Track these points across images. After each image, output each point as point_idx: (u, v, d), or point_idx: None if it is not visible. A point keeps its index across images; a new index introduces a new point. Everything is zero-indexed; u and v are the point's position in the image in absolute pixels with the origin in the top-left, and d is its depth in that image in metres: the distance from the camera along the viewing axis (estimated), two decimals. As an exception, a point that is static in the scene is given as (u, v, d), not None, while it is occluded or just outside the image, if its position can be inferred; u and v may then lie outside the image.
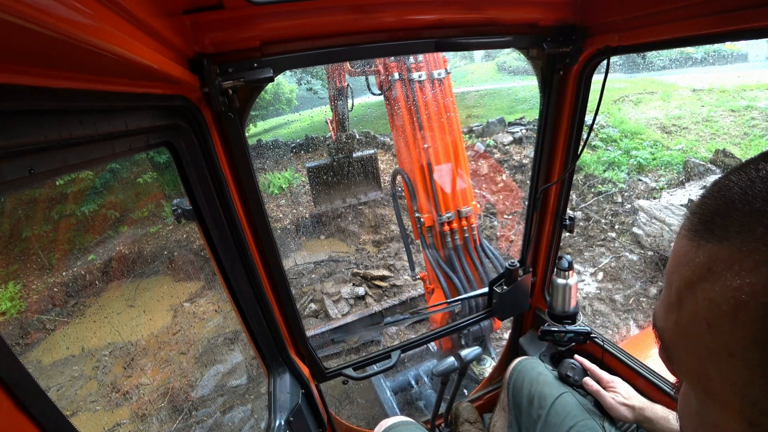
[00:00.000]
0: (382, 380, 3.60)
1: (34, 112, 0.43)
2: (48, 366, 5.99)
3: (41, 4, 0.28)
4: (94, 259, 7.99)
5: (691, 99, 9.56)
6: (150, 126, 0.75)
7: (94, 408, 5.07)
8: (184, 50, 0.83)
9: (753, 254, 0.30)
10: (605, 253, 6.26)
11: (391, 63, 2.80)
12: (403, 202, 3.59)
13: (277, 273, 1.28)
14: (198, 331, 6.17)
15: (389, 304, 5.49)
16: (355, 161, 6.21)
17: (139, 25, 0.55)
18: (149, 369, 5.61)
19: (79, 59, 0.42)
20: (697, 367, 0.36)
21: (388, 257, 7.81)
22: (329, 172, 6.06)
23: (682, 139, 8.23)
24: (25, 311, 7.00)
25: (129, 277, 7.83)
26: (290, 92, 17.46)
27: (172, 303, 6.95)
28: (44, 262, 7.75)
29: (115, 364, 5.82)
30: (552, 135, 1.43)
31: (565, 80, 1.31)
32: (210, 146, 0.97)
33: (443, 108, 2.77)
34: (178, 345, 5.97)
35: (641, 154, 7.90)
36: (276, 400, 1.31)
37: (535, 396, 1.38)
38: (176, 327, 6.42)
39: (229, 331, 6.05)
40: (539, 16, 1.14)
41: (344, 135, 6.21)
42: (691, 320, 0.35)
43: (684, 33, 0.92)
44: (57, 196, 7.71)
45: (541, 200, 1.57)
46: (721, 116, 8.54)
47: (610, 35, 1.11)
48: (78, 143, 0.52)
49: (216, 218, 1.08)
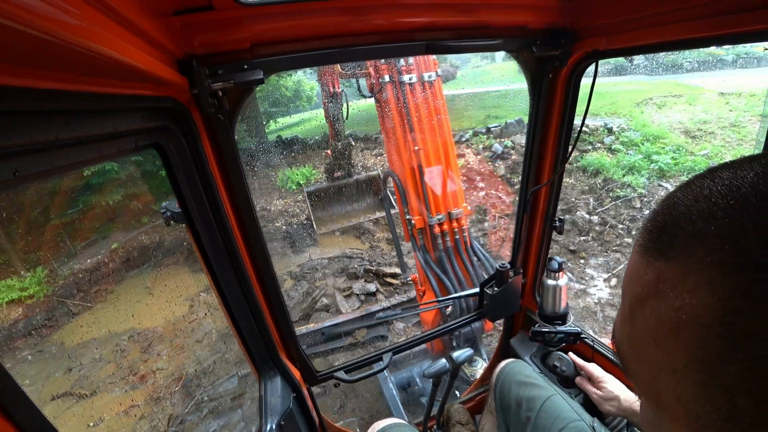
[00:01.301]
0: (387, 375, 3.65)
1: (20, 113, 0.42)
2: (71, 348, 6.25)
3: (27, 4, 0.28)
4: (117, 248, 8.28)
5: (719, 103, 9.25)
6: (139, 128, 0.74)
7: (112, 389, 5.29)
8: (173, 51, 0.83)
9: (694, 275, 0.30)
10: (620, 259, 6.15)
11: (381, 65, 2.80)
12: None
13: (268, 275, 1.28)
14: (212, 322, 6.33)
15: (397, 301, 5.53)
16: (353, 183, 6.15)
17: (128, 26, 0.55)
18: (165, 354, 5.80)
19: (66, 60, 0.41)
20: (648, 380, 0.37)
21: (408, 254, 7.85)
22: (329, 195, 6.01)
23: (707, 145, 7.99)
24: (51, 295, 7.31)
25: (148, 266, 8.09)
26: (310, 90, 17.64)
27: (188, 293, 7.15)
28: (70, 248, 8.07)
29: (133, 348, 6.04)
30: (542, 138, 1.44)
31: (555, 83, 1.31)
32: (199, 148, 0.97)
33: (434, 110, 2.76)
34: (193, 333, 6.16)
35: (663, 159, 7.71)
36: (267, 404, 1.30)
37: (523, 398, 1.38)
38: (192, 316, 6.61)
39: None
40: (529, 19, 1.15)
41: (339, 143, 6.11)
42: (641, 335, 0.36)
43: (672, 37, 0.92)
44: (82, 186, 8.01)
45: (531, 202, 1.57)
46: (750, 121, 8.25)
47: (598, 39, 1.12)
48: (65, 145, 0.51)
49: (206, 221, 1.07)
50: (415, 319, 5.43)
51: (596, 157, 8.63)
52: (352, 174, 6.58)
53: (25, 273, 7.44)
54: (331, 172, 6.59)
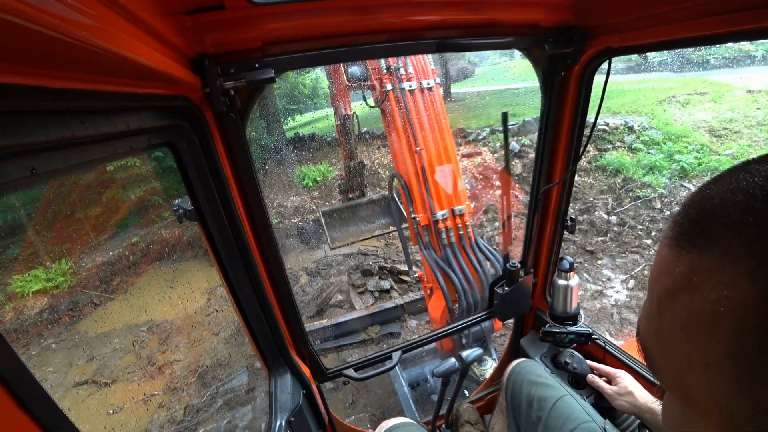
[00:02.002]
0: (399, 372, 3.67)
1: (36, 113, 0.43)
2: (93, 337, 6.46)
3: (43, 4, 0.29)
4: (138, 242, 8.50)
5: (746, 101, 8.93)
6: (151, 126, 0.75)
7: (132, 378, 5.45)
8: (185, 51, 0.84)
9: (731, 267, 0.30)
10: (638, 260, 6.03)
11: (384, 76, 3.01)
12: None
13: (279, 273, 1.29)
14: (230, 315, 6.45)
15: (411, 299, 5.55)
16: (367, 204, 6.17)
17: (141, 26, 0.55)
18: (182, 346, 5.94)
19: (80, 59, 0.42)
20: (676, 375, 0.36)
21: (416, 253, 7.84)
22: (343, 214, 6.05)
23: (732, 144, 7.74)
24: (75, 286, 7.55)
25: (169, 260, 8.28)
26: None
27: (206, 287, 7.30)
28: (93, 241, 8.32)
29: (152, 339, 6.20)
30: (553, 136, 1.43)
31: (567, 81, 1.30)
32: (211, 146, 0.97)
33: (433, 114, 2.92)
34: (210, 326, 6.29)
35: (685, 159, 7.50)
36: (277, 401, 1.31)
37: (534, 398, 1.37)
38: (209, 308, 6.75)
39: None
40: (541, 16, 1.13)
41: (353, 163, 6.30)
42: (671, 329, 0.35)
43: (687, 34, 0.91)
44: (106, 180, 8.23)
45: (542, 201, 1.56)
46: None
47: (611, 36, 1.10)
48: (80, 143, 0.52)
49: (217, 218, 1.08)
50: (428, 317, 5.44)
51: (616, 156, 8.44)
52: (365, 194, 6.71)
53: (50, 264, 7.69)
54: (345, 192, 6.72)
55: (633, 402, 1.30)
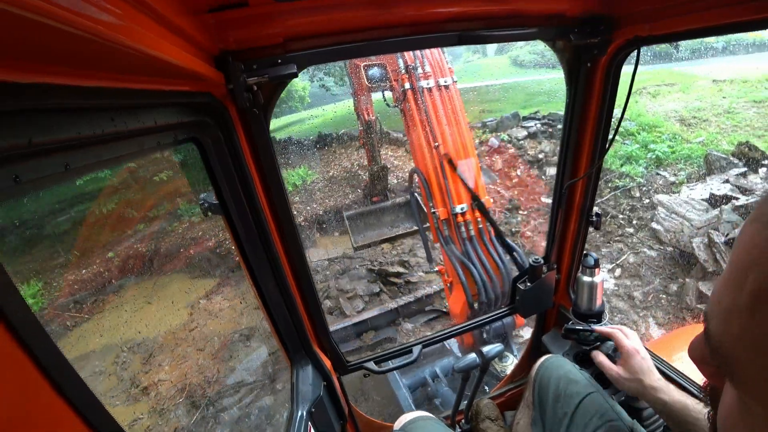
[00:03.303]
0: (398, 377, 3.60)
1: (68, 110, 0.44)
2: (71, 362, 6.12)
3: (73, 5, 0.30)
4: (113, 257, 8.14)
5: (712, 90, 9.30)
6: (177, 122, 0.77)
7: (114, 403, 5.18)
8: (209, 48, 0.85)
9: None
10: (623, 249, 6.14)
11: (402, 75, 3.13)
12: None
13: (301, 267, 1.30)
14: (214, 328, 6.25)
15: (404, 302, 5.48)
16: (390, 207, 6.36)
17: (166, 25, 0.56)
18: (167, 365, 5.71)
19: (110, 59, 0.43)
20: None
21: (402, 254, 7.79)
22: (367, 218, 6.28)
23: (702, 132, 8.03)
24: (46, 307, 7.17)
25: (147, 274, 7.96)
26: (303, 90, 17.54)
27: (188, 300, 7.05)
28: (64, 259, 7.93)
29: (134, 359, 5.93)
30: (579, 129, 1.39)
31: (593, 73, 1.26)
32: (235, 142, 0.99)
33: (451, 111, 3.02)
34: (194, 342, 6.06)
35: (659, 148, 7.73)
36: (298, 392, 1.33)
37: (561, 394, 1.35)
38: (192, 324, 6.51)
39: (244, 327, 6.13)
40: (566, 6, 1.10)
41: (376, 168, 6.45)
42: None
43: (718, 21, 0.88)
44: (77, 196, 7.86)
45: (566, 196, 1.53)
46: (744, 108, 8.31)
47: (640, 25, 1.07)
48: (110, 140, 0.53)
49: (241, 212, 1.10)
50: (424, 319, 5.40)
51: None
52: (388, 197, 6.89)
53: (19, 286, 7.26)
54: (369, 197, 6.93)
55: (636, 389, 1.19)
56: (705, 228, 5.33)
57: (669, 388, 1.12)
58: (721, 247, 4.94)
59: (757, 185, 5.62)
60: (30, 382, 0.35)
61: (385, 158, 12.09)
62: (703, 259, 5.07)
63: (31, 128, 0.38)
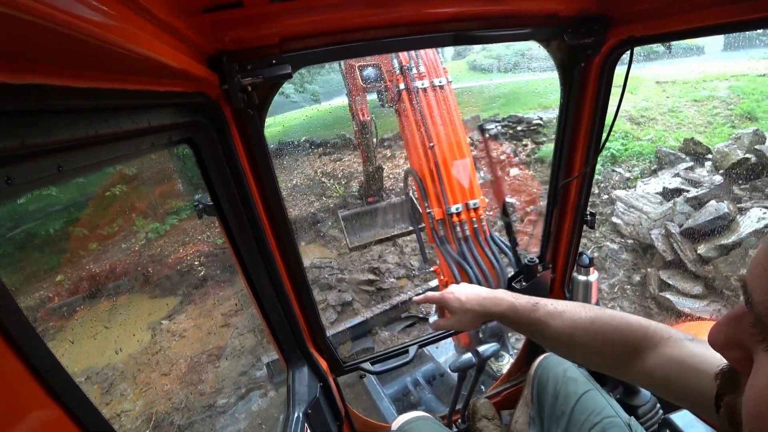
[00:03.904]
0: (378, 387, 3.52)
1: (63, 111, 0.44)
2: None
3: (66, 5, 0.30)
4: (63, 280, 7.57)
5: (657, 91, 9.91)
6: (172, 123, 0.77)
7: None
8: (204, 48, 0.85)
9: None
10: (587, 244, 6.37)
11: (397, 76, 3.15)
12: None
13: (296, 267, 1.30)
14: (180, 350, 5.91)
15: (380, 309, 5.40)
16: (386, 207, 6.37)
17: (161, 25, 0.56)
18: (130, 394, 5.33)
19: (103, 59, 0.43)
20: None
21: (372, 260, 7.74)
22: (362, 218, 6.27)
23: (650, 130, 8.50)
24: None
25: (102, 296, 7.45)
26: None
27: (149, 321, 6.65)
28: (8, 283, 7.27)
29: (93, 390, 5.50)
30: (573, 129, 1.40)
31: (587, 73, 1.27)
32: (230, 142, 1.00)
33: (446, 111, 3.06)
34: (158, 366, 5.70)
35: (613, 146, 8.12)
36: (294, 393, 1.33)
37: (560, 392, 1.35)
38: (155, 347, 6.13)
39: (213, 347, 5.84)
40: (560, 6, 1.10)
41: (371, 168, 6.50)
42: None
43: (712, 21, 0.88)
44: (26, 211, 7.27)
45: (561, 195, 1.54)
46: (686, 106, 8.89)
47: (634, 25, 1.08)
48: (104, 141, 0.53)
49: (236, 213, 1.10)
50: (400, 326, 5.34)
51: (552, 148, 8.92)
52: (383, 198, 6.93)
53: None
54: (364, 197, 6.89)
55: (475, 318, 1.06)
56: (661, 220, 5.62)
57: (493, 302, 1.04)
58: (677, 237, 5.21)
59: (704, 178, 6.00)
60: (22, 384, 0.35)
61: (348, 164, 12.07)
62: (662, 249, 5.33)
63: (23, 129, 0.38)
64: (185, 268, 7.90)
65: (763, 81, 8.77)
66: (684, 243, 5.15)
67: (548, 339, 0.94)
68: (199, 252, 8.54)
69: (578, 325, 0.88)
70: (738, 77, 9.13)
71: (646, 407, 1.46)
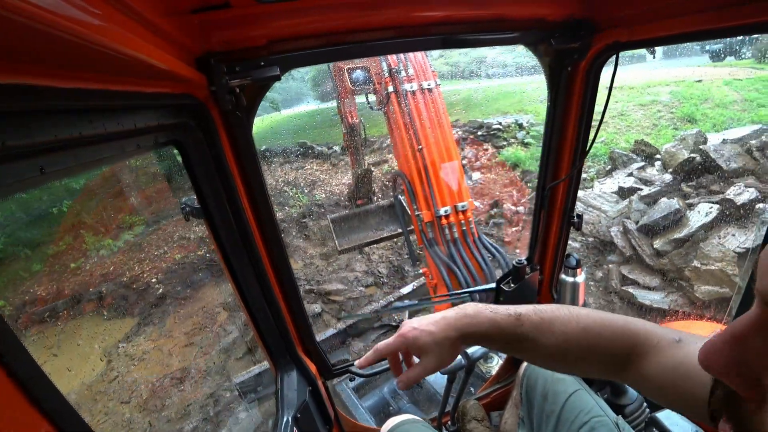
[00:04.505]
0: (356, 400, 3.44)
1: (45, 112, 0.43)
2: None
3: (51, 5, 0.29)
4: (4, 306, 6.93)
5: (604, 96, 10.46)
6: (158, 125, 0.76)
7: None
8: (191, 49, 0.84)
9: None
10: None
11: (386, 79, 3.15)
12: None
13: (284, 270, 1.29)
14: (140, 374, 5.53)
15: (353, 320, 5.30)
16: (375, 210, 6.34)
17: (147, 25, 0.56)
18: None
19: (88, 59, 0.42)
20: None
21: (339, 270, 7.64)
22: (351, 221, 6.24)
23: (603, 133, 8.95)
24: None
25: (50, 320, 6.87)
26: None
27: (105, 345, 6.19)
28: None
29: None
30: (560, 132, 1.41)
31: (573, 77, 1.29)
32: (218, 144, 0.99)
33: (434, 114, 3.07)
34: (116, 393, 5.30)
35: (570, 148, 8.47)
36: (284, 397, 1.32)
37: (549, 392, 1.36)
38: (113, 373, 5.71)
39: (177, 369, 5.51)
40: (547, 11, 1.11)
41: (360, 170, 6.56)
42: None
43: (696, 27, 0.90)
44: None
45: (548, 198, 1.55)
46: (633, 110, 9.45)
47: (619, 30, 1.09)
48: (88, 143, 0.52)
49: (224, 215, 1.09)
50: (374, 335, 5.26)
51: (512, 151, 9.25)
52: (372, 200, 6.94)
53: None
54: (353, 199, 6.88)
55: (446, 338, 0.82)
56: (619, 218, 5.89)
57: (469, 322, 0.84)
58: (634, 233, 5.47)
59: (655, 177, 6.36)
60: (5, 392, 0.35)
61: (310, 171, 11.93)
62: (621, 245, 5.59)
63: (5, 130, 0.37)
64: (142, 287, 7.45)
65: (699, 86, 9.49)
66: (641, 238, 5.42)
67: (537, 356, 0.84)
68: (157, 269, 8.11)
69: (570, 339, 0.78)
70: (678, 83, 9.83)
71: (633, 406, 1.49)
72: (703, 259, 4.76)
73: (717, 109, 8.49)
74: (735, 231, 4.77)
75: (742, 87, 8.95)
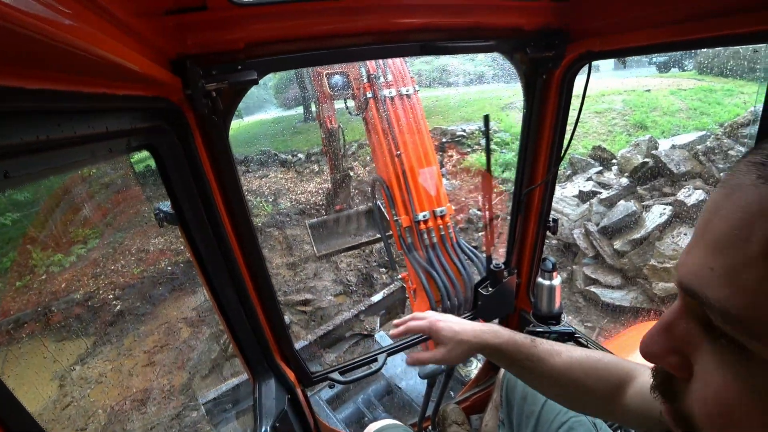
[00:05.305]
0: (330, 413, 3.36)
1: (9, 114, 0.42)
2: None
3: (17, 2, 0.28)
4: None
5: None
6: (131, 128, 0.73)
7: None
8: (166, 51, 0.83)
9: None
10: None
11: (365, 84, 3.16)
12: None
13: (261, 276, 1.28)
14: (97, 398, 5.17)
15: (324, 331, 5.17)
16: (354, 215, 6.37)
17: (119, 26, 0.55)
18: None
19: (57, 59, 0.42)
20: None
21: (307, 279, 7.50)
22: (329, 226, 6.23)
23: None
24: None
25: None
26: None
27: (56, 369, 5.75)
28: None
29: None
30: (536, 139, 1.45)
31: (548, 84, 1.33)
32: (193, 149, 0.97)
33: (412, 120, 3.10)
34: (71, 421, 4.93)
35: (532, 154, 8.75)
36: (261, 406, 1.31)
37: (528, 393, 1.38)
38: (66, 399, 5.31)
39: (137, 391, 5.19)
40: (523, 21, 1.15)
41: (339, 176, 6.54)
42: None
43: (666, 38, 0.95)
44: None
45: (525, 203, 1.59)
46: (589, 117, 9.88)
47: (592, 40, 1.14)
48: (56, 146, 0.51)
49: (199, 221, 1.08)
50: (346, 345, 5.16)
51: (476, 158, 9.44)
52: (351, 206, 6.89)
53: None
54: (331, 205, 6.83)
55: (465, 344, 0.97)
56: (580, 220, 6.12)
57: (494, 329, 0.98)
58: (595, 235, 5.70)
59: (612, 181, 6.66)
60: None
61: (275, 180, 11.72)
62: (584, 247, 5.80)
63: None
64: (98, 303, 7.01)
65: (648, 95, 10.08)
66: (602, 240, 5.66)
67: (544, 376, 0.90)
68: (114, 284, 7.67)
69: (574, 360, 0.88)
70: (629, 92, 10.39)
71: None
72: (659, 257, 5.02)
73: (665, 117, 9.03)
74: (687, 230, 5.07)
75: (686, 96, 9.57)
